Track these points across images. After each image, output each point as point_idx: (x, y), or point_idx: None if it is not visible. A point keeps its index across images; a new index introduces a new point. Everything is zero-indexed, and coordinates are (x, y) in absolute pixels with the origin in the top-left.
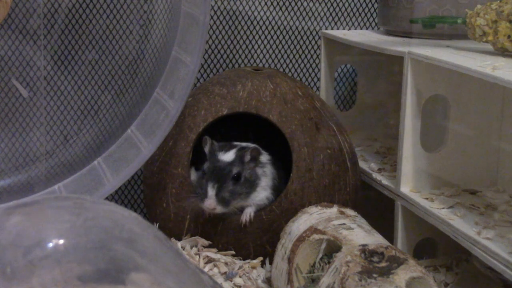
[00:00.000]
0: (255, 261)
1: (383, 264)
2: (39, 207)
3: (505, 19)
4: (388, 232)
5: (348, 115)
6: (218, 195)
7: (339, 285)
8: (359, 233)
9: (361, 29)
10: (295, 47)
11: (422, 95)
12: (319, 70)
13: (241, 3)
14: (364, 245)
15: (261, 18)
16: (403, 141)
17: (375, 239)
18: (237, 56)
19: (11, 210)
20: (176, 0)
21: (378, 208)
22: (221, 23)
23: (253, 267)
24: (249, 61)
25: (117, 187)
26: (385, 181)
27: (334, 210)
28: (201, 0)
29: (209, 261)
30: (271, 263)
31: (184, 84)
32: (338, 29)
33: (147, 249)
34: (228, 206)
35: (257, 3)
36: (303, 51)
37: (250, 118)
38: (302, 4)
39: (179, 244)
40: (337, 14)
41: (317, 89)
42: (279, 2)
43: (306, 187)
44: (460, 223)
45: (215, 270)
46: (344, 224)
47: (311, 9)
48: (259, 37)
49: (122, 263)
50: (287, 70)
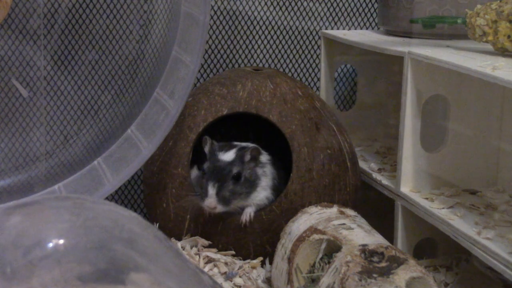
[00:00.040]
0: (255, 261)
1: (383, 264)
2: (39, 207)
3: (505, 19)
4: (388, 232)
5: (348, 115)
6: (218, 194)
7: (339, 285)
8: (359, 233)
9: (361, 29)
10: (295, 47)
11: (422, 95)
12: (319, 70)
13: (241, 3)
14: (364, 245)
15: (261, 18)
16: (403, 141)
17: (375, 239)
18: (237, 56)
19: (11, 210)
20: (176, 0)
21: (378, 208)
22: (221, 23)
23: (253, 267)
24: (249, 61)
25: (117, 187)
26: (385, 181)
27: (334, 210)
28: (201, 0)
29: (209, 261)
30: (271, 263)
31: (184, 84)
32: (338, 29)
33: (147, 249)
34: (228, 205)
35: (257, 3)
36: (303, 51)
37: (250, 118)
38: (302, 4)
39: (179, 244)
40: (337, 14)
41: (317, 89)
42: (279, 2)
43: (306, 187)
44: (460, 223)
45: (215, 270)
46: (344, 224)
47: (311, 9)
48: (259, 37)
49: (122, 263)
50: (287, 70)
